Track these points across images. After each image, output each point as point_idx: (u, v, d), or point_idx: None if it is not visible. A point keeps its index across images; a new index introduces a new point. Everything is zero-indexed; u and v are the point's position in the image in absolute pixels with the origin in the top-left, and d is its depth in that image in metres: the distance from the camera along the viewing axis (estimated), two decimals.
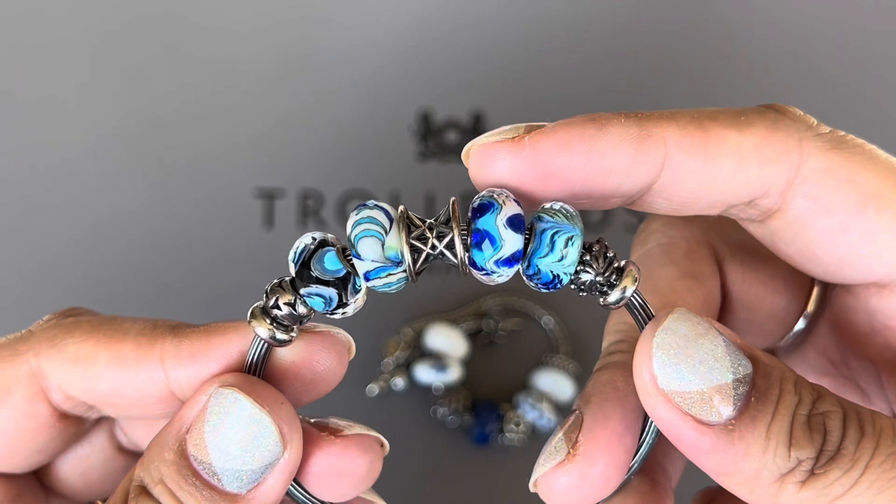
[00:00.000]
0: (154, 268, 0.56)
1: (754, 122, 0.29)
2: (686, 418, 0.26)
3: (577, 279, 0.27)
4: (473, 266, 0.27)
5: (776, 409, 0.26)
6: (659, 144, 0.28)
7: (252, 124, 0.59)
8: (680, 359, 0.26)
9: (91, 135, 0.58)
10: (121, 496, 0.28)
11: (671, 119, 0.28)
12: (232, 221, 0.57)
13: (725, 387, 0.26)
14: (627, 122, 0.28)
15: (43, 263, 0.56)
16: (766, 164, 0.28)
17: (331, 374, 0.30)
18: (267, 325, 0.28)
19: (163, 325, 0.30)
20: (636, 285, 0.28)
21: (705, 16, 0.62)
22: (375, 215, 0.27)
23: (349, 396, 0.54)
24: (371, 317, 0.56)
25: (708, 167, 0.28)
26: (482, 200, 0.27)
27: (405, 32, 0.61)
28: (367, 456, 0.30)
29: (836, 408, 0.26)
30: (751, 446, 0.26)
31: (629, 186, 0.28)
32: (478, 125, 0.59)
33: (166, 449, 0.28)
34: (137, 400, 0.30)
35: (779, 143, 0.29)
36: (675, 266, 0.33)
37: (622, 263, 0.28)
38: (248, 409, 0.27)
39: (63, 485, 0.34)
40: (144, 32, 0.61)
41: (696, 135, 0.28)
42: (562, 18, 0.62)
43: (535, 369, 0.55)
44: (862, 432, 0.26)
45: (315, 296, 0.27)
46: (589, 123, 0.28)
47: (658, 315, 0.28)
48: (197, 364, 0.29)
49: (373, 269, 0.27)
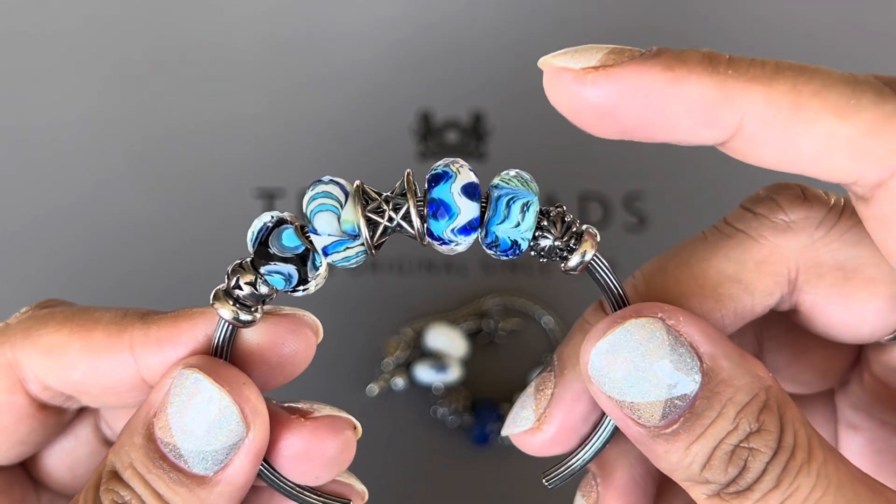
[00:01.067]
0: (154, 268, 0.56)
1: (864, 110, 0.25)
2: (619, 408, 0.27)
3: (536, 245, 0.27)
4: (431, 236, 0.27)
5: (704, 432, 0.26)
6: (735, 113, 0.26)
7: (252, 124, 0.59)
8: (619, 367, 0.26)
9: (91, 135, 0.58)
10: (94, 482, 0.28)
11: (765, 82, 0.25)
12: (232, 221, 0.57)
13: (656, 403, 0.26)
14: (709, 79, 0.25)
15: (43, 263, 0.56)
16: (857, 158, 0.26)
17: (298, 356, 0.30)
18: (230, 307, 0.28)
19: (133, 312, 0.30)
20: (595, 249, 0.28)
21: (706, 15, 0.62)
22: (331, 190, 0.26)
23: (349, 396, 0.54)
24: (371, 317, 0.57)
25: (787, 147, 0.26)
26: (437, 170, 0.27)
27: (405, 33, 0.61)
28: (337, 438, 0.29)
29: (766, 449, 0.26)
30: (670, 453, 0.27)
31: (694, 142, 0.27)
32: (478, 125, 0.59)
33: (135, 433, 0.28)
34: (111, 388, 0.30)
35: (882, 141, 0.25)
36: (735, 265, 0.30)
37: (581, 228, 0.28)
38: (208, 389, 0.27)
39: (51, 478, 0.34)
40: (144, 33, 0.61)
41: (785, 110, 0.25)
42: (562, 18, 0.62)
43: (534, 369, 0.55)
44: (776, 483, 0.26)
45: (275, 273, 0.27)
46: (664, 72, 0.25)
47: (624, 311, 0.27)
48: (165, 350, 0.29)
49: (330, 244, 0.27)
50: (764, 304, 0.30)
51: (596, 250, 0.28)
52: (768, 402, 0.26)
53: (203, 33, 0.61)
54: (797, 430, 0.26)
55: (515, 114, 0.59)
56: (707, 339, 0.27)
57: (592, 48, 0.27)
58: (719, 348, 0.27)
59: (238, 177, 0.58)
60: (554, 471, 0.30)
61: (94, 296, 0.54)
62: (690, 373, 0.26)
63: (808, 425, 0.27)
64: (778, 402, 0.26)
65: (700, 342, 0.27)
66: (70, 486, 0.35)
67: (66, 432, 0.34)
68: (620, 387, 0.27)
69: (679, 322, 0.27)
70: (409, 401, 0.55)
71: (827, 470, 0.26)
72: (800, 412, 0.27)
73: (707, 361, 0.26)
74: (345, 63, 0.60)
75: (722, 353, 0.27)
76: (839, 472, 0.26)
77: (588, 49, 0.27)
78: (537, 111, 0.59)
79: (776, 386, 0.27)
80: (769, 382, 0.27)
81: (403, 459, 0.53)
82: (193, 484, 0.27)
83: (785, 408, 0.26)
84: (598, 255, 0.28)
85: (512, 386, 0.55)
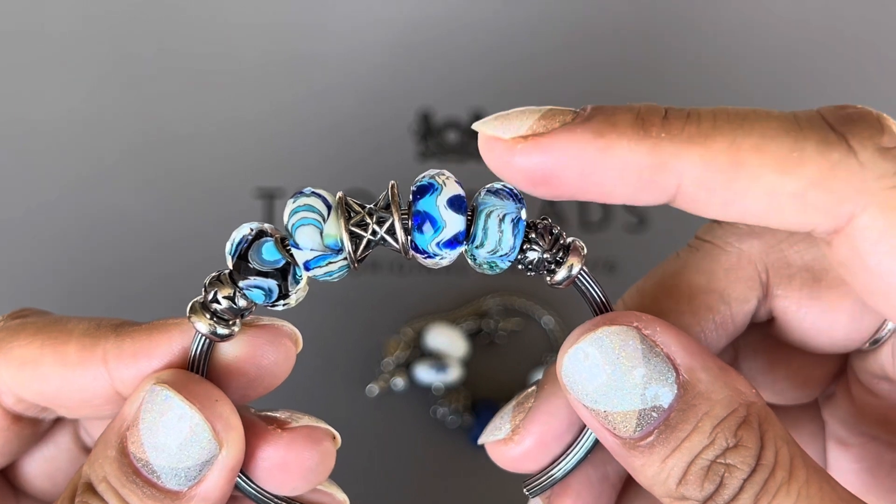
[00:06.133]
0: (154, 268, 0.56)
1: (808, 162, 0.24)
2: (594, 417, 0.26)
3: (523, 258, 0.27)
4: (416, 249, 0.26)
5: (679, 446, 0.25)
6: (672, 177, 0.25)
7: (252, 124, 0.59)
8: (592, 375, 0.26)
9: (91, 135, 0.58)
10: (69, 493, 0.28)
11: (701, 142, 0.25)
12: (232, 221, 0.56)
13: (630, 413, 0.26)
14: (639, 145, 0.25)
15: (42, 263, 0.56)
16: (807, 213, 0.25)
17: (277, 367, 0.29)
18: (207, 321, 0.27)
19: (107, 324, 0.30)
20: (582, 263, 0.27)
21: (707, 14, 0.62)
22: (313, 202, 0.26)
23: (349, 396, 0.54)
24: (371, 317, 0.57)
25: (732, 205, 0.25)
26: (422, 182, 0.26)
27: (405, 32, 0.61)
28: (315, 448, 0.29)
29: (743, 466, 0.25)
30: (646, 466, 0.26)
31: (636, 203, 0.26)
32: None
33: (109, 446, 0.27)
34: (85, 401, 0.29)
35: (829, 192, 0.24)
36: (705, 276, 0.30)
37: (568, 241, 0.27)
38: (179, 407, 0.27)
39: (31, 485, 0.34)
40: (144, 33, 0.61)
41: (724, 170, 0.25)
42: (562, 18, 0.62)
43: (535, 369, 0.55)
44: (753, 502, 0.25)
45: (254, 288, 0.26)
46: (594, 139, 0.25)
47: (598, 319, 0.27)
48: (139, 363, 0.28)
49: (312, 258, 0.26)
50: (742, 312, 0.30)
51: (583, 264, 0.27)
52: (748, 418, 0.25)
53: (204, 33, 0.61)
54: (779, 448, 0.25)
55: None
56: (685, 350, 0.26)
57: (524, 113, 0.26)
58: (697, 360, 0.26)
59: (238, 177, 0.58)
60: (535, 480, 0.30)
61: (94, 296, 0.54)
62: (665, 384, 0.26)
63: (791, 443, 0.26)
64: (760, 419, 0.26)
65: (677, 353, 0.26)
66: (50, 493, 0.34)
67: (45, 440, 0.34)
68: (594, 395, 0.26)
69: (656, 332, 0.26)
70: (409, 401, 0.55)
71: (809, 490, 0.25)
72: (783, 429, 0.26)
73: (684, 373, 0.26)
74: (345, 63, 0.60)
75: (700, 366, 0.26)
76: (822, 492, 0.25)
77: (520, 114, 0.26)
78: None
79: (759, 402, 0.26)
80: (751, 398, 0.26)
81: (403, 459, 0.53)
82: (167, 499, 0.27)
83: (767, 424, 0.26)
84: (584, 270, 0.27)
85: (512, 386, 0.55)
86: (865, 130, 0.25)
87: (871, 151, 0.24)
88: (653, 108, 0.25)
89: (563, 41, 0.61)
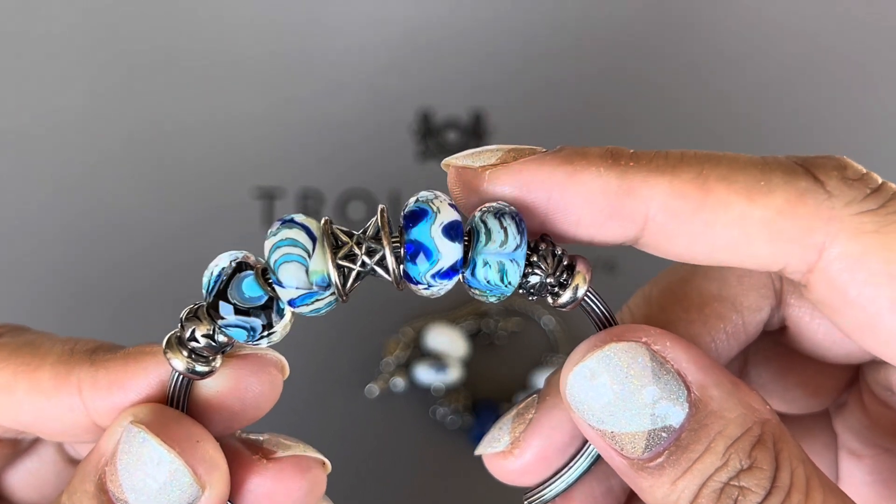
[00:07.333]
0: (153, 267, 0.56)
1: (775, 190, 0.24)
2: (600, 437, 0.25)
3: (525, 283, 0.25)
4: (409, 280, 0.24)
5: (691, 467, 0.24)
6: (640, 204, 0.25)
7: (252, 124, 0.59)
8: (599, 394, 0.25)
9: (90, 135, 0.58)
10: None
11: (668, 172, 0.24)
12: (232, 221, 0.56)
13: (638, 434, 0.25)
14: (608, 171, 0.24)
15: (41, 262, 0.56)
16: (776, 242, 0.24)
17: (262, 399, 0.27)
18: (184, 358, 0.25)
19: (81, 349, 0.28)
20: (588, 283, 0.25)
21: (708, 18, 0.62)
22: (296, 236, 0.23)
23: (349, 396, 0.54)
24: (371, 317, 0.56)
25: (701, 236, 0.25)
26: (415, 206, 0.24)
27: (405, 32, 0.61)
28: (303, 479, 0.28)
29: (758, 489, 0.24)
30: (654, 487, 0.25)
31: (603, 239, 0.25)
32: (478, 125, 0.59)
33: (87, 480, 0.26)
34: (64, 430, 0.28)
35: (798, 220, 0.24)
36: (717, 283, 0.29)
37: (571, 261, 0.25)
38: (157, 451, 0.25)
39: (16, 497, 0.33)
40: (144, 32, 0.60)
41: (692, 197, 0.24)
42: (562, 19, 0.61)
43: (535, 369, 0.55)
44: None
45: (235, 327, 0.24)
46: (561, 166, 0.25)
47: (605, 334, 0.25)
48: (114, 395, 0.27)
49: (298, 297, 0.24)
50: (754, 321, 0.29)
51: (589, 284, 0.25)
52: (763, 437, 0.24)
53: (203, 33, 0.61)
54: (794, 469, 0.24)
55: (515, 113, 0.59)
56: (696, 366, 0.25)
57: (494, 148, 0.26)
58: (710, 377, 0.25)
59: (238, 176, 0.58)
60: (535, 493, 0.29)
61: (92, 296, 0.54)
62: (676, 402, 0.24)
63: (807, 463, 0.25)
64: (774, 438, 0.25)
65: (688, 370, 0.25)
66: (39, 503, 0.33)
67: (29, 453, 0.33)
68: (600, 415, 0.25)
69: (666, 347, 0.25)
70: (408, 401, 0.54)
71: None
72: (798, 448, 0.25)
73: (695, 391, 0.24)
74: (345, 62, 0.60)
75: (712, 382, 0.25)
76: None
77: (489, 150, 0.26)
78: (537, 110, 0.59)
79: (774, 419, 0.25)
80: (766, 416, 0.25)
81: (403, 460, 0.53)
82: None
83: (782, 443, 0.25)
84: (591, 290, 0.26)
85: (512, 386, 0.55)
86: (830, 164, 0.25)
87: (836, 181, 0.24)
88: (621, 148, 0.25)
89: (563, 42, 0.61)
